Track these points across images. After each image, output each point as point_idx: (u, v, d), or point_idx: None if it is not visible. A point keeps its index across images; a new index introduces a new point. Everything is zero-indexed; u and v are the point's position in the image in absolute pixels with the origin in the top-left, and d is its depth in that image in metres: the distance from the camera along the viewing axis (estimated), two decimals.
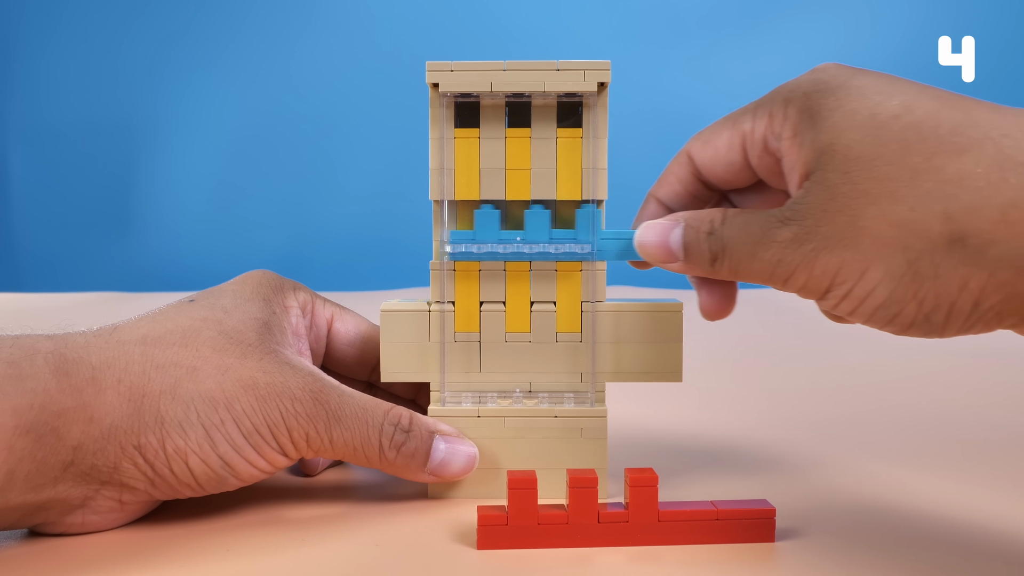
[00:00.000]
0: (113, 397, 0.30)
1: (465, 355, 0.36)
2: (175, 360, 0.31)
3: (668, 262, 0.32)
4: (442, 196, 0.35)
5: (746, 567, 0.29)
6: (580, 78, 0.34)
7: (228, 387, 0.31)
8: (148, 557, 0.30)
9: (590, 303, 0.36)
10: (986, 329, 0.27)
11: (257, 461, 0.32)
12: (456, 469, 0.34)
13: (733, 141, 0.32)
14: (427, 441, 0.34)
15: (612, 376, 0.36)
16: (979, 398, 0.56)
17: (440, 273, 0.36)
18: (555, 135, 0.35)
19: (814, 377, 0.66)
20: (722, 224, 0.30)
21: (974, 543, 0.31)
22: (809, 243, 0.27)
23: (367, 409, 0.33)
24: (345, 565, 0.29)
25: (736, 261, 0.30)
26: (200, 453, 0.31)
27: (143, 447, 0.30)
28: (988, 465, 0.40)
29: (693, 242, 0.31)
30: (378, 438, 0.33)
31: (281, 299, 0.36)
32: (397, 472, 0.34)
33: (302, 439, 0.32)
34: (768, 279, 0.29)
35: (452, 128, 0.35)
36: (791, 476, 0.39)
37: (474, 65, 0.34)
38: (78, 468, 0.29)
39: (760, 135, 0.30)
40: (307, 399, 0.32)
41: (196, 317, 0.33)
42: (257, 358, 0.32)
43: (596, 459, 0.35)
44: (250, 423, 0.31)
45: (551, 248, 0.35)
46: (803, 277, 0.28)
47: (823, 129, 0.27)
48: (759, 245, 0.29)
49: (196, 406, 0.31)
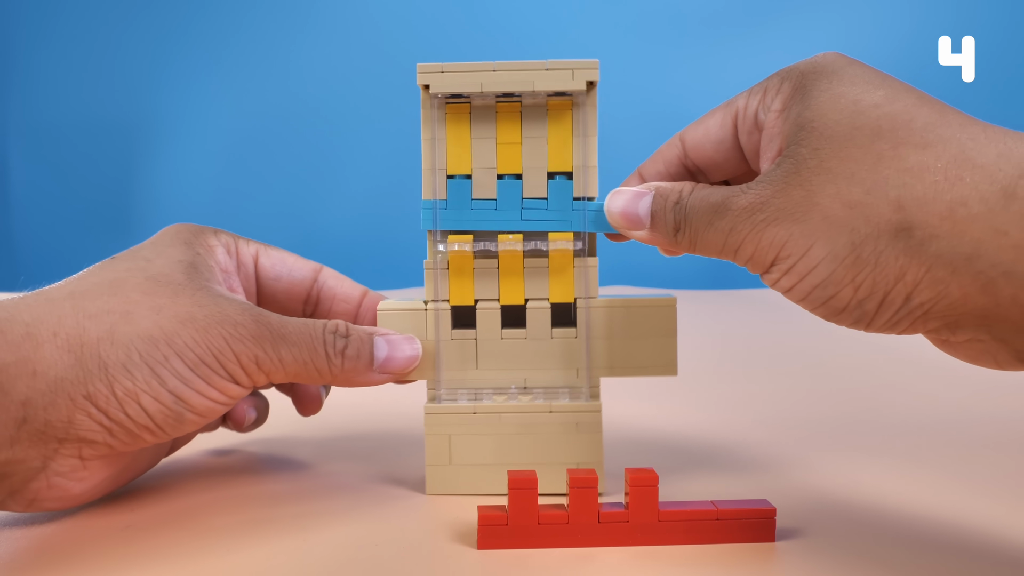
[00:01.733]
0: (52, 350, 0.30)
1: (460, 353, 0.36)
2: (106, 308, 0.31)
3: (634, 229, 0.32)
4: (434, 196, 0.35)
5: (746, 567, 0.29)
6: (569, 77, 0.34)
7: (165, 324, 0.31)
8: (146, 556, 0.30)
9: (583, 299, 0.36)
10: (910, 329, 0.27)
11: (209, 392, 0.32)
12: (402, 360, 0.35)
13: (726, 119, 0.32)
14: (367, 341, 0.35)
15: (606, 371, 0.36)
16: (980, 398, 0.56)
17: (434, 272, 0.36)
18: (546, 135, 0.35)
19: (812, 377, 0.66)
20: (690, 195, 0.31)
21: (973, 544, 0.31)
22: (761, 213, 0.28)
23: (307, 324, 0.34)
24: (343, 564, 0.29)
25: (695, 231, 0.30)
26: (150, 391, 0.31)
27: (93, 395, 0.30)
28: (987, 466, 0.40)
29: (660, 211, 0.31)
30: (323, 347, 0.33)
31: (203, 240, 0.36)
32: (349, 381, 0.34)
33: (251, 362, 0.32)
34: (721, 250, 0.30)
35: (444, 129, 0.35)
36: (790, 476, 0.39)
37: (464, 66, 0.34)
38: (32, 426, 0.30)
39: (752, 110, 0.31)
40: (249, 323, 0.32)
41: (120, 269, 0.33)
42: (189, 294, 0.33)
43: (592, 454, 0.35)
44: (194, 354, 0.31)
45: (522, 219, 0.35)
46: (751, 248, 0.28)
47: (808, 106, 0.28)
48: (716, 213, 0.29)
49: (136, 347, 0.31)
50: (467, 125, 0.35)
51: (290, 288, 0.39)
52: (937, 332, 0.27)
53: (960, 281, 0.25)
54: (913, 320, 0.27)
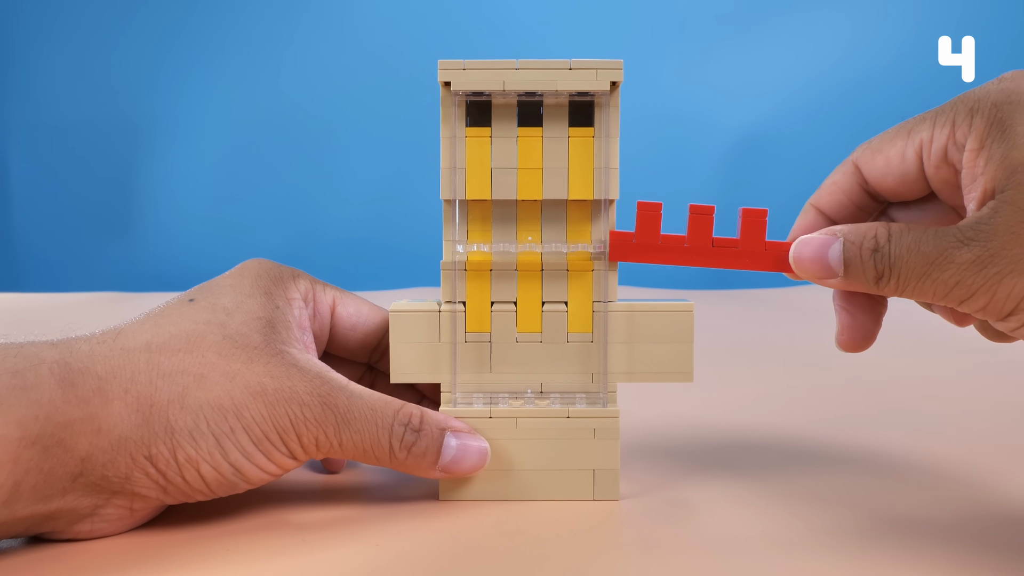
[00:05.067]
0: (121, 408, 0.30)
1: (476, 355, 0.36)
2: (181, 368, 0.31)
3: (826, 278, 0.31)
4: (453, 195, 0.35)
5: (747, 568, 0.29)
6: (593, 77, 0.34)
7: (236, 394, 0.31)
8: (150, 561, 0.30)
9: (602, 303, 0.35)
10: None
11: (267, 466, 0.32)
12: (468, 466, 0.34)
13: (908, 151, 0.31)
14: (438, 439, 0.34)
15: (624, 376, 0.36)
16: (981, 398, 0.56)
17: (452, 273, 0.35)
18: (567, 135, 0.35)
19: (816, 377, 0.66)
20: (888, 241, 0.29)
21: (976, 545, 0.30)
22: (994, 266, 0.27)
23: (376, 410, 0.33)
24: (349, 569, 0.29)
25: (905, 280, 0.29)
26: (211, 461, 0.30)
27: (154, 457, 0.30)
28: (991, 466, 0.40)
29: (855, 259, 0.30)
30: (388, 439, 0.33)
31: (283, 291, 0.36)
32: (408, 470, 0.34)
33: (311, 443, 0.32)
34: (943, 299, 0.29)
35: (463, 127, 0.35)
36: (796, 476, 0.39)
37: (486, 64, 0.33)
38: (87, 479, 0.29)
39: (940, 145, 0.30)
40: (316, 404, 0.32)
41: (199, 320, 0.33)
42: (264, 362, 0.32)
43: (608, 460, 0.35)
44: (260, 430, 0.31)
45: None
46: (983, 300, 0.28)
47: (1016, 146, 0.27)
48: (934, 265, 0.28)
49: (205, 415, 0.30)
50: (487, 124, 0.35)
51: (364, 338, 0.39)
52: None
53: None
54: None
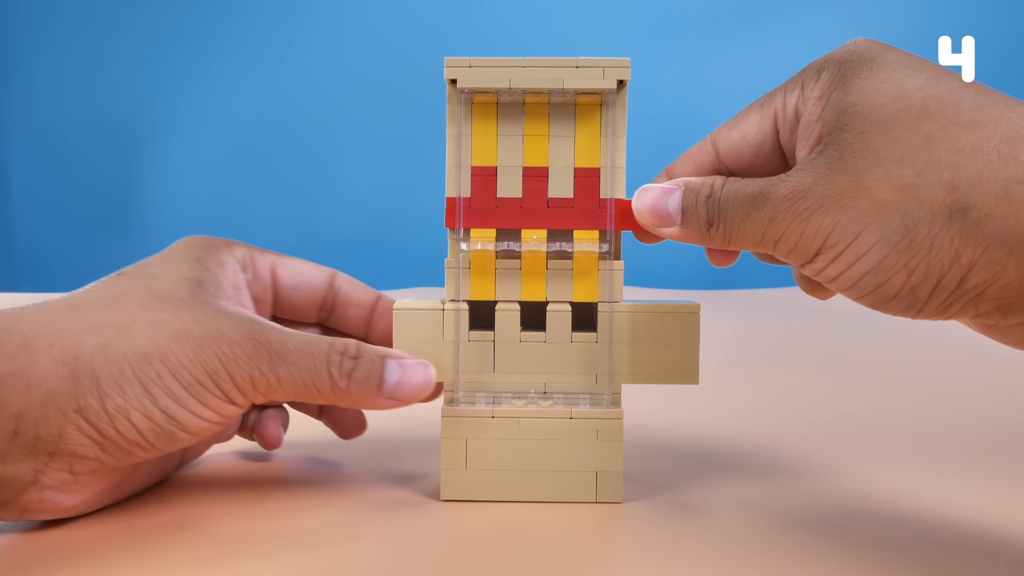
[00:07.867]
0: (47, 362, 0.29)
1: (479, 355, 0.35)
2: (105, 321, 0.31)
3: (664, 226, 0.32)
4: (458, 193, 0.35)
5: (751, 572, 0.28)
6: (599, 75, 0.33)
7: (161, 340, 0.30)
8: (150, 561, 0.29)
9: (607, 303, 0.35)
10: (961, 313, 0.27)
11: (202, 411, 0.31)
12: (414, 387, 0.33)
13: (764, 120, 0.31)
14: (379, 364, 0.33)
15: (628, 377, 0.35)
16: (983, 398, 0.56)
17: (456, 271, 0.35)
18: (573, 133, 0.34)
19: (819, 377, 0.66)
20: (722, 187, 0.30)
21: (976, 544, 0.30)
22: (804, 201, 0.27)
23: (311, 342, 0.32)
24: (349, 569, 0.28)
25: (730, 224, 0.29)
26: (141, 408, 0.30)
27: (84, 410, 0.29)
28: (991, 466, 0.40)
29: (691, 206, 0.31)
30: (326, 368, 0.32)
31: (215, 256, 0.36)
32: (354, 403, 0.33)
33: (247, 383, 0.31)
34: (759, 242, 0.29)
35: (469, 125, 0.34)
36: (798, 478, 0.38)
37: (493, 61, 0.33)
38: (23, 439, 0.29)
39: (792, 106, 0.30)
40: (245, 341, 0.31)
41: (125, 284, 0.33)
42: (189, 310, 0.32)
43: (612, 461, 0.35)
44: (188, 374, 0.30)
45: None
46: (793, 238, 0.28)
47: (849, 91, 0.27)
48: (753, 204, 0.28)
49: (131, 362, 0.30)
50: (494, 121, 0.35)
51: (308, 296, 0.39)
52: (987, 316, 0.27)
53: (1017, 261, 0.25)
54: (965, 303, 0.26)
